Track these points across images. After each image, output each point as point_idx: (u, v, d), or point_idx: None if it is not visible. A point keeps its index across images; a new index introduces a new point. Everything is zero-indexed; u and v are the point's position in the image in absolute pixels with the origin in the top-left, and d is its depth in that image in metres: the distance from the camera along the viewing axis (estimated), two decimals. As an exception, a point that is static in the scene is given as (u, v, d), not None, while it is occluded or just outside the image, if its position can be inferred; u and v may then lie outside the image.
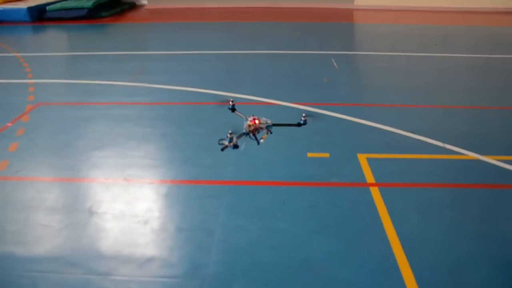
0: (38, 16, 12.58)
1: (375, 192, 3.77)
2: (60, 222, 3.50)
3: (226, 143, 2.66)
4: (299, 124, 2.94)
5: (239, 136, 2.73)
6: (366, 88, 6.68)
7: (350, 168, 4.18)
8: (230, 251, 3.12)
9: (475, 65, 7.98)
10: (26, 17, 12.24)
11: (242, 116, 2.86)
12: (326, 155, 4.41)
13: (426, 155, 4.43)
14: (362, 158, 4.33)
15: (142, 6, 14.92)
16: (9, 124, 5.30)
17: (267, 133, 2.81)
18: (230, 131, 2.67)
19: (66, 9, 12.52)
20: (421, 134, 4.81)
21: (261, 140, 2.78)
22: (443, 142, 4.64)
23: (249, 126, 2.75)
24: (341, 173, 4.09)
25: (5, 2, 12.97)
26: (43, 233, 3.38)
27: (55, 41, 11.00)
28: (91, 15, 12.56)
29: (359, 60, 8.49)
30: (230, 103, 3.06)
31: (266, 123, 2.80)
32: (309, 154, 4.42)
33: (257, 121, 2.78)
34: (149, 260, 3.06)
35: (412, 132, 4.85)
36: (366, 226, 3.37)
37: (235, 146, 2.67)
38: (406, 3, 13.84)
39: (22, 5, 12.51)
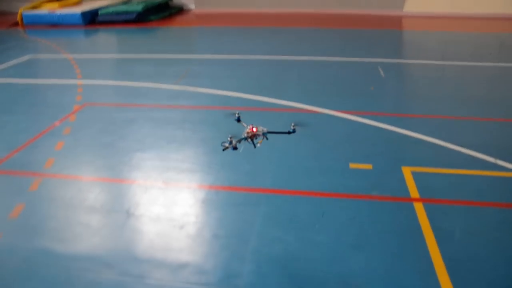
0: (91, 20, 13.06)
1: (419, 208, 3.59)
2: (98, 222, 3.56)
3: (227, 145, 3.16)
4: (289, 132, 3.37)
5: (239, 140, 3.20)
6: (413, 98, 6.43)
7: (393, 181, 4.00)
8: (264, 262, 3.05)
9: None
10: (79, 20, 12.75)
11: (245, 125, 3.33)
12: (369, 166, 4.25)
13: (476, 171, 4.18)
14: (407, 171, 4.14)
15: (189, 10, 15.18)
16: (57, 123, 5.48)
17: (262, 139, 3.26)
18: (230, 135, 3.17)
19: (117, 13, 12.95)
20: (471, 148, 4.56)
21: (258, 145, 3.24)
22: (495, 157, 4.36)
23: (248, 133, 3.23)
24: (384, 186, 3.92)
25: (62, 7, 13.58)
26: (81, 231, 3.44)
27: (105, 44, 11.38)
28: (140, 19, 12.90)
29: (407, 69, 8.19)
30: (236, 115, 3.51)
31: (262, 130, 3.25)
32: (351, 165, 4.28)
33: (254, 129, 3.24)
34: (183, 265, 3.04)
35: (460, 145, 4.61)
36: (408, 243, 3.21)
37: (235, 148, 3.16)
38: (459, 9, 13.18)
39: (77, 10, 13.05)
